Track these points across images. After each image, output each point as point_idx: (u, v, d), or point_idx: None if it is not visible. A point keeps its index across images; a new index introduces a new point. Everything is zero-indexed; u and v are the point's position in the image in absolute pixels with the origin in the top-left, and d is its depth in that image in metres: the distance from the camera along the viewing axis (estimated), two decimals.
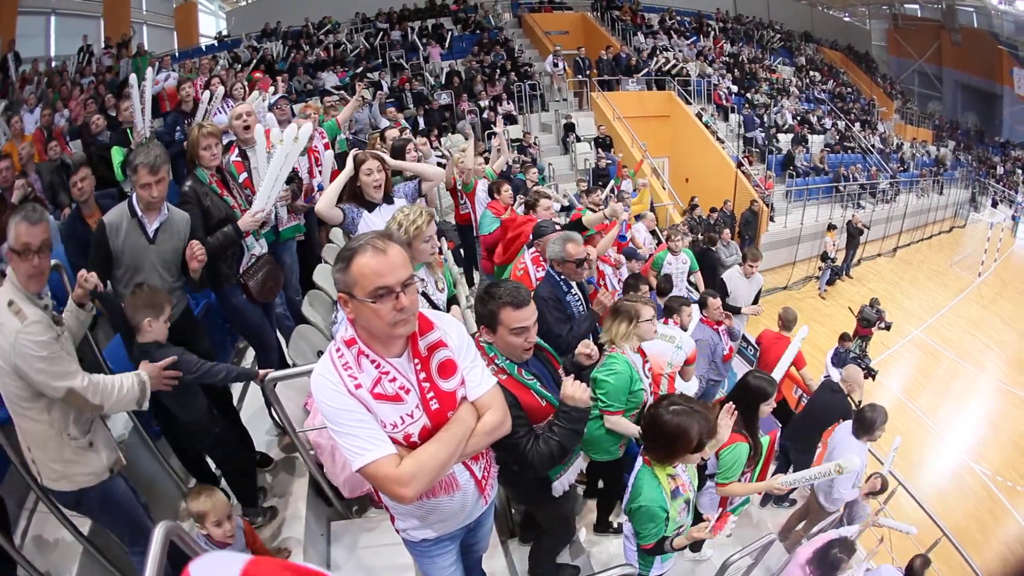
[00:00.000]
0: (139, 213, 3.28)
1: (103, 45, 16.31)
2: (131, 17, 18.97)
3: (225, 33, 20.72)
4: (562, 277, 3.91)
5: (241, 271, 3.96)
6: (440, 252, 4.80)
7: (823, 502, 5.15)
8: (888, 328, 10.84)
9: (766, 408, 3.56)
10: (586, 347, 3.08)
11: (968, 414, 11.17)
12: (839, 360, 8.85)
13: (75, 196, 4.59)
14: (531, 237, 4.82)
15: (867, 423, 4.85)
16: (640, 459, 2.89)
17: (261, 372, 3.21)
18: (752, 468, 3.74)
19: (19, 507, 3.39)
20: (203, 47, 19.66)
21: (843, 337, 9.46)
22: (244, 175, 4.39)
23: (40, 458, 2.64)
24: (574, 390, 2.47)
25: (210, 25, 21.71)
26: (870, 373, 9.61)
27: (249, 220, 3.80)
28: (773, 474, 5.99)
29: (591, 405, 2.59)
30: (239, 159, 4.50)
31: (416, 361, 1.98)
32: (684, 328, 5.19)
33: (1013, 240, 21.51)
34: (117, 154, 5.89)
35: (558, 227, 4.69)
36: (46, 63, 14.84)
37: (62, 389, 2.50)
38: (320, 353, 3.68)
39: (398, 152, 5.63)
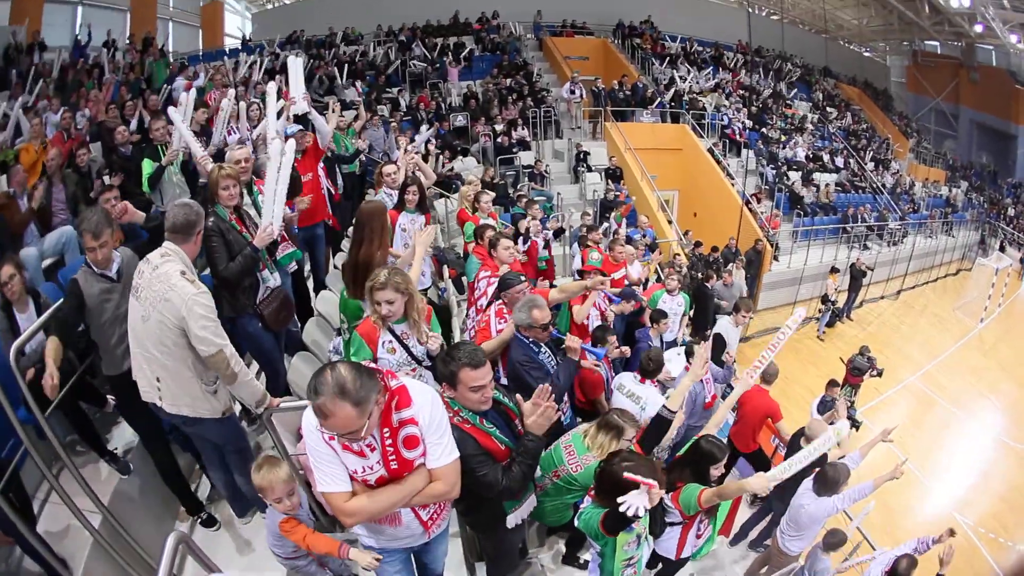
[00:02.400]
0: (97, 270, 3.63)
1: (127, 40, 16.43)
2: (157, 13, 19.22)
3: (249, 36, 20.91)
4: (530, 340, 4.06)
5: (257, 302, 4.30)
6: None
7: (784, 546, 5.31)
8: (880, 375, 10.86)
9: (715, 472, 3.69)
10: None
11: (957, 463, 11.16)
12: (824, 408, 8.88)
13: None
14: (498, 289, 4.83)
15: (829, 482, 4.95)
16: (587, 497, 3.23)
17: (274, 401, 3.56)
18: (711, 517, 3.88)
19: (32, 496, 3.75)
20: (226, 50, 19.79)
21: (831, 384, 9.52)
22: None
23: (173, 390, 3.35)
24: (533, 420, 2.93)
25: (236, 25, 21.96)
26: (854, 424, 9.69)
27: (263, 236, 4.11)
28: (744, 525, 6.23)
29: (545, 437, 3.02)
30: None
31: (386, 430, 2.34)
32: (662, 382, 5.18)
33: (1020, 283, 21.16)
34: (147, 167, 6.04)
35: (523, 278, 4.68)
36: (70, 54, 14.76)
37: (216, 347, 3.18)
38: None
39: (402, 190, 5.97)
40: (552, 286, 6.50)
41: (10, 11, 15.43)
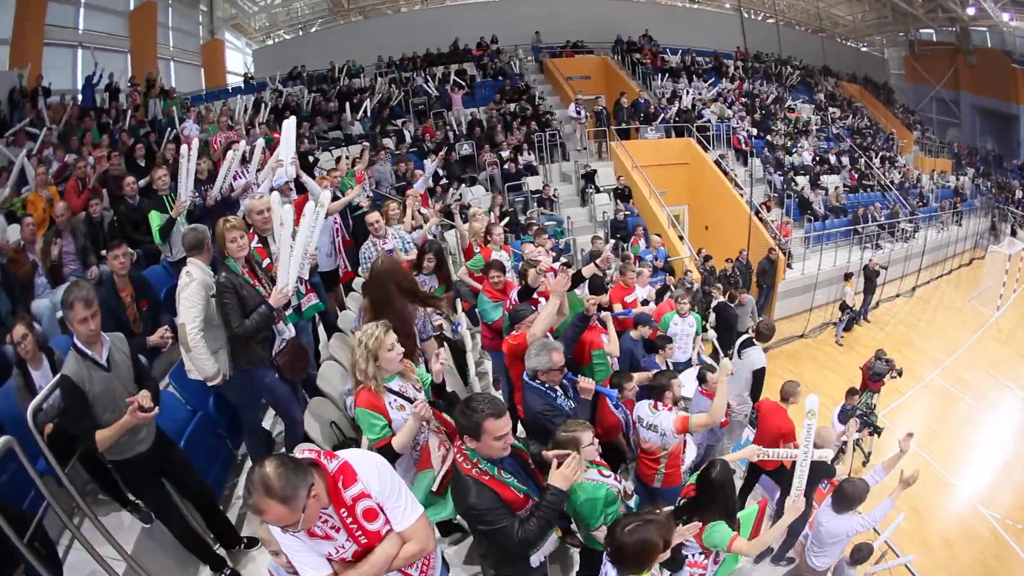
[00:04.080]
0: (88, 352, 3.49)
1: (129, 82, 16.37)
2: (158, 53, 19.31)
3: (251, 73, 21.09)
4: (546, 386, 4.06)
5: (274, 353, 4.36)
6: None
7: (811, 562, 5.32)
8: (900, 374, 10.76)
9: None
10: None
11: (981, 458, 11.10)
12: (845, 416, 8.85)
13: (115, 270, 4.94)
14: (511, 322, 4.91)
15: (847, 499, 4.99)
16: (610, 566, 3.07)
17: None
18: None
19: (56, 541, 3.82)
20: (229, 88, 19.96)
21: (850, 392, 9.47)
22: (267, 260, 4.70)
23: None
24: (559, 474, 2.94)
25: (237, 62, 22.11)
26: (875, 430, 9.64)
27: (278, 296, 4.17)
28: None
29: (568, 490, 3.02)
30: (260, 245, 4.81)
31: (343, 509, 2.36)
32: (676, 401, 5.12)
33: None
34: (155, 219, 6.16)
35: (533, 309, 4.73)
36: (72, 98, 14.68)
37: (181, 320, 4.11)
38: (333, 424, 4.30)
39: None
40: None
41: (9, 55, 15.51)
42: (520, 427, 4.72)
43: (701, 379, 6.23)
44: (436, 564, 2.83)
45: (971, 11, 25.47)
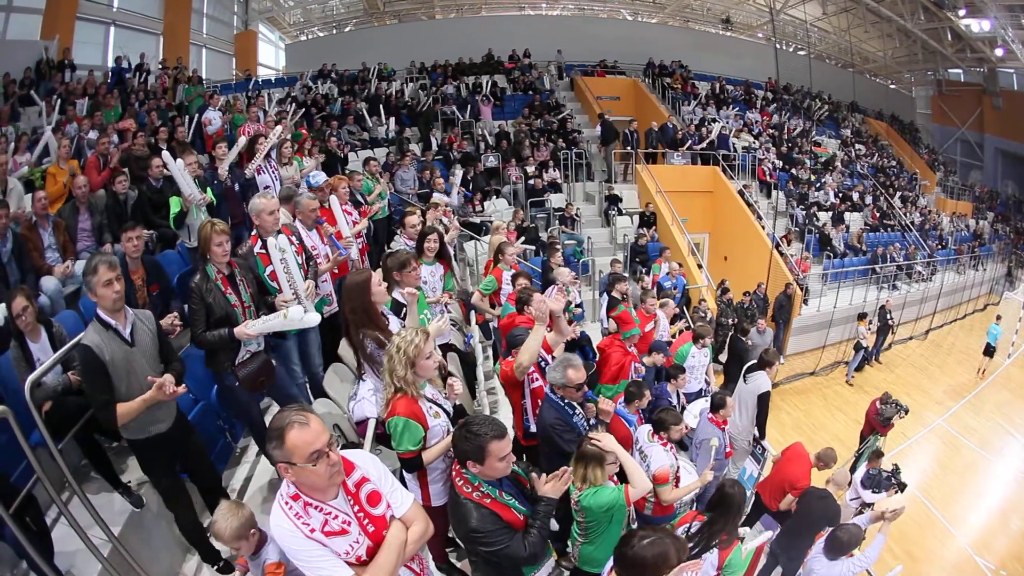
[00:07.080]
0: (112, 323, 3.39)
1: (160, 64, 16.48)
2: (190, 39, 19.48)
3: (282, 67, 21.21)
4: (565, 401, 4.08)
5: (236, 363, 4.28)
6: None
7: None
8: (907, 412, 10.70)
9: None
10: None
11: (980, 506, 11.04)
12: (870, 481, 8.58)
13: (127, 252, 4.88)
14: (507, 346, 4.88)
15: (842, 546, 4.97)
16: None
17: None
18: None
19: (44, 512, 3.82)
20: (259, 80, 19.96)
21: (875, 455, 9.13)
22: (269, 268, 4.55)
23: None
24: (550, 486, 3.06)
25: (269, 55, 22.33)
26: (900, 487, 9.36)
27: (243, 332, 4.07)
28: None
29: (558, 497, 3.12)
30: (263, 251, 4.65)
31: (349, 498, 2.41)
32: (672, 441, 5.04)
33: None
34: (175, 204, 6.12)
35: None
36: (103, 74, 15.03)
37: None
38: (336, 426, 4.27)
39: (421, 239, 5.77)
40: None
41: (41, 25, 15.66)
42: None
43: (716, 406, 6.16)
44: (429, 568, 2.90)
45: (1000, 52, 25.39)
